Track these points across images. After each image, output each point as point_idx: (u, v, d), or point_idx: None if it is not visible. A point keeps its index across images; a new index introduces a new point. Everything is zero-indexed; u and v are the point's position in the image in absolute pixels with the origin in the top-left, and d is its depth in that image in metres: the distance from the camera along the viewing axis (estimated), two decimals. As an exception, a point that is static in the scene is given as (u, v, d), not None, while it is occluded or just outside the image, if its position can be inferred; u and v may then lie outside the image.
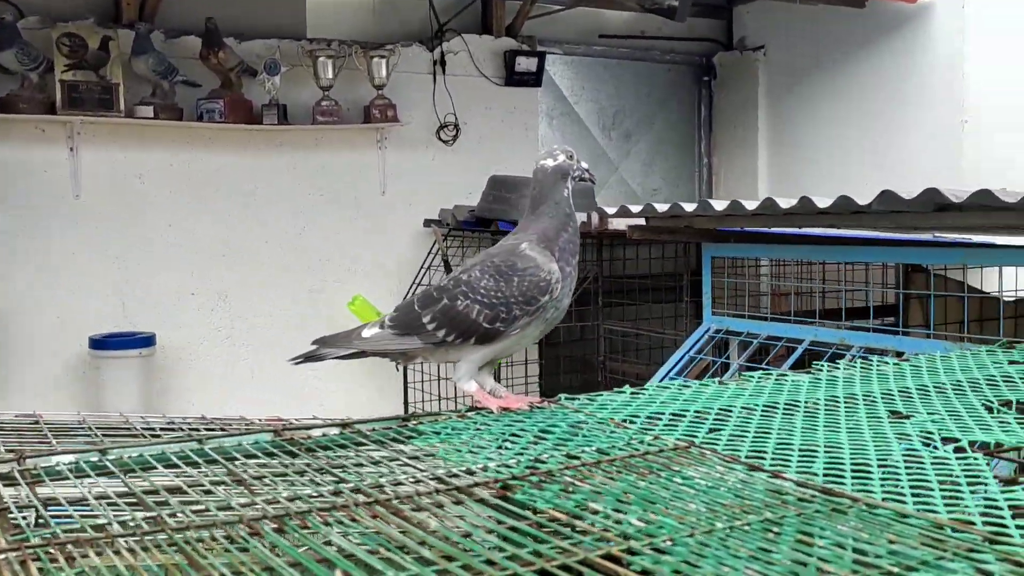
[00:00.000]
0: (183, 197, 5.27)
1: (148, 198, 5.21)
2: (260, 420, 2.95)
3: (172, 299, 5.29)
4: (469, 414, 1.55)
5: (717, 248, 3.40)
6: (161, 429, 2.72)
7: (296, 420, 2.87)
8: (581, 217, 4.57)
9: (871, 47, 5.78)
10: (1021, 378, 1.81)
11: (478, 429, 1.44)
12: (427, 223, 5.75)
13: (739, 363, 3.21)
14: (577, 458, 1.25)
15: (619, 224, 4.29)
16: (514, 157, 6.08)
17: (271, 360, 5.50)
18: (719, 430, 1.43)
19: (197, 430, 2.75)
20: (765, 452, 1.31)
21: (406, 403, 5.58)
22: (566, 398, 1.65)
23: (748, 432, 1.42)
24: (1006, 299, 3.85)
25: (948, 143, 5.37)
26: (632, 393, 1.68)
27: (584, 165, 1.83)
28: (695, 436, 1.39)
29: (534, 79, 6.05)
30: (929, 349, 2.77)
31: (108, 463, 1.28)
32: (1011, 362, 1.94)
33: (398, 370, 5.36)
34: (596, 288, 5.07)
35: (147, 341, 5.00)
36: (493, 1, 6.03)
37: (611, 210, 3.42)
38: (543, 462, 1.25)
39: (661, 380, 3.34)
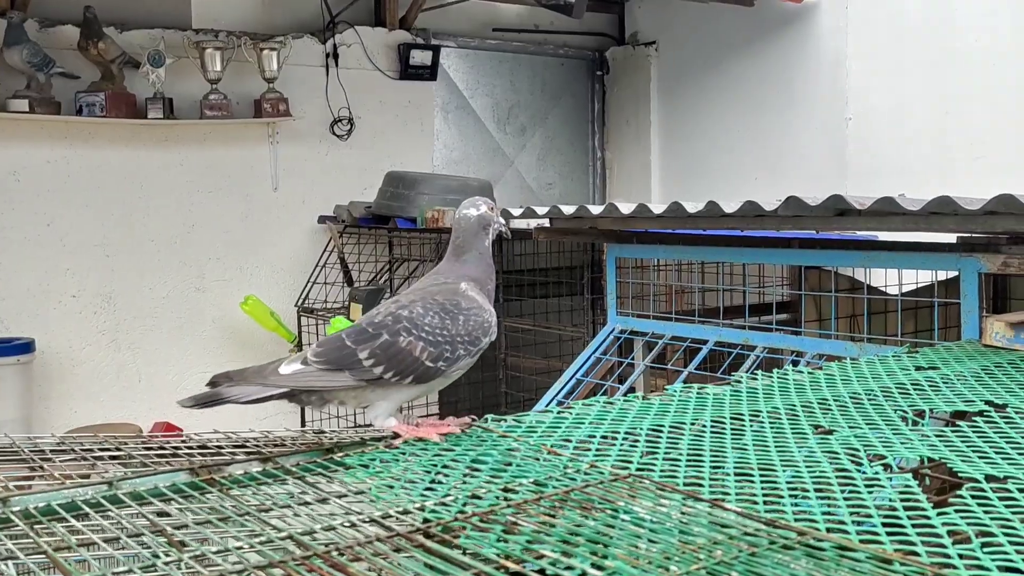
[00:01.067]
0: (62, 195, 5.02)
1: (24, 196, 4.94)
2: (160, 436, 2.83)
3: (52, 302, 5.04)
4: (396, 443, 1.50)
5: (622, 248, 3.41)
6: (51, 451, 2.58)
7: (194, 435, 2.75)
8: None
9: (759, 45, 5.90)
10: (930, 386, 1.85)
11: (408, 460, 1.39)
12: (322, 220, 5.63)
13: (645, 364, 3.22)
14: (515, 492, 1.22)
15: (522, 224, 4.27)
16: (410, 152, 6.00)
17: (159, 363, 5.31)
18: (652, 453, 1.42)
19: (91, 450, 2.61)
20: (702, 478, 1.30)
21: (303, 411, 5.46)
22: (493, 419, 1.62)
23: (681, 455, 1.41)
24: (891, 296, 3.98)
25: (833, 140, 5.52)
26: (559, 413, 1.66)
27: (502, 220, 1.88)
28: (629, 462, 1.37)
29: (429, 73, 5.97)
30: (831, 350, 2.83)
31: (11, 514, 1.19)
32: (918, 368, 1.99)
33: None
34: (496, 284, 5.04)
35: (25, 347, 4.75)
36: (386, -7, 5.92)
37: (516, 211, 3.39)
38: (480, 498, 1.21)
39: (568, 381, 3.34)
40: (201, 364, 5.40)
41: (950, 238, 3.84)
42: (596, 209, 3.09)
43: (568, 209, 3.37)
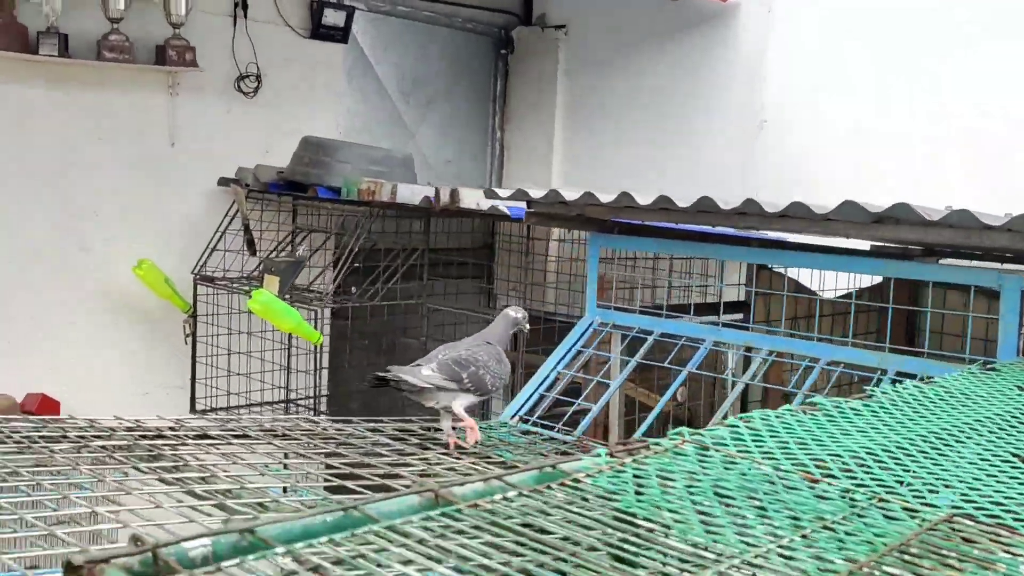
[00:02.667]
0: (-68, 132, 4.43)
1: None
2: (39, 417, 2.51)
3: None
4: (612, 465, 1.31)
5: (607, 239, 3.30)
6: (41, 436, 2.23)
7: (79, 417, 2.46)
8: (428, 192, 4.32)
9: (676, 39, 5.90)
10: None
11: (651, 485, 1.21)
12: (223, 182, 5.22)
13: (637, 360, 3.12)
14: (812, 539, 1.08)
15: (469, 203, 4.08)
16: (316, 116, 5.67)
17: (31, 328, 4.77)
18: (932, 487, 1.30)
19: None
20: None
21: (194, 376, 5.07)
22: (690, 433, 1.45)
23: (977, 486, 1.30)
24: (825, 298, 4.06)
25: (747, 140, 5.60)
26: (740, 426, 1.52)
27: (527, 325, 3.03)
28: (921, 496, 1.25)
29: (341, 34, 5.65)
30: (848, 356, 2.82)
31: (257, 542, 0.95)
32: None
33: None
34: (421, 264, 4.82)
35: None
36: (301, -57, 5.54)
37: (504, 192, 3.20)
38: (790, 548, 1.06)
39: (548, 375, 3.20)
40: (80, 331, 4.91)
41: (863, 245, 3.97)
42: (606, 197, 2.95)
43: (537, 192, 3.21)
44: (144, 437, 2.39)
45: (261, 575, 0.94)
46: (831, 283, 4.04)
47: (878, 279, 4.47)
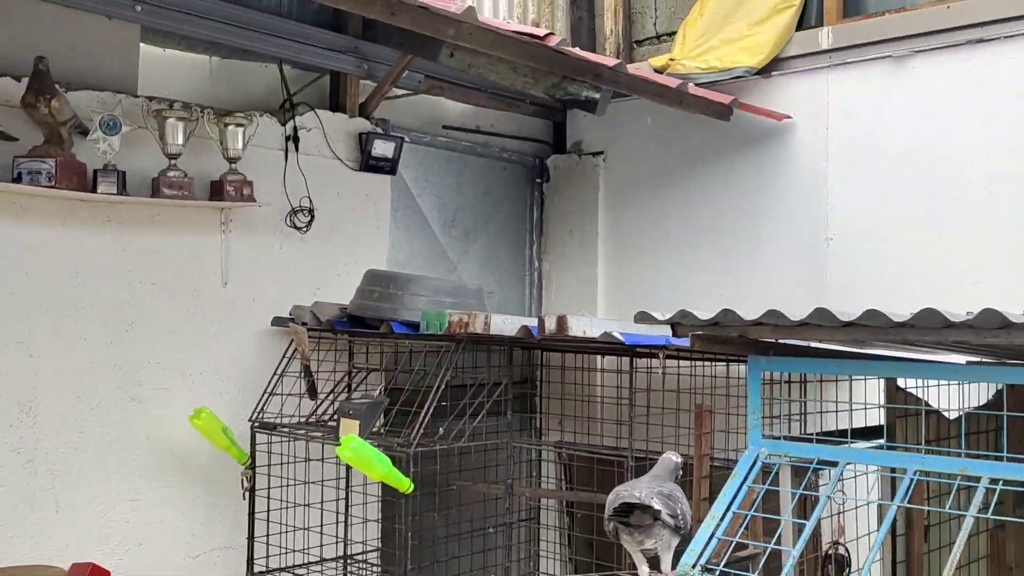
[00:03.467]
0: (-20, 279, 4.09)
1: (-66, 278, 3.99)
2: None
3: (-43, 412, 4.04)
4: None
5: (769, 362, 3.05)
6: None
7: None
8: (525, 322, 4.06)
9: (728, 159, 5.82)
10: None
11: None
12: (279, 321, 4.91)
13: (826, 495, 2.83)
14: None
15: (576, 331, 3.83)
16: (366, 250, 5.43)
17: (82, 489, 4.35)
18: None
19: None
20: None
21: (251, 533, 4.64)
22: None
23: None
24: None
25: (813, 260, 5.47)
26: None
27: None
28: None
29: (390, 165, 5.46)
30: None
31: None
32: None
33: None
34: (505, 399, 4.52)
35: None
36: (347, 79, 5.40)
37: (660, 315, 2.94)
38: None
39: (724, 515, 2.90)
40: (131, 490, 4.49)
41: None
42: (752, 315, 2.72)
43: (704, 315, 2.98)
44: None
45: None
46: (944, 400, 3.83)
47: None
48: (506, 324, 4.02)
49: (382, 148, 5.40)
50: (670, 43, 6.28)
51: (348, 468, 4.98)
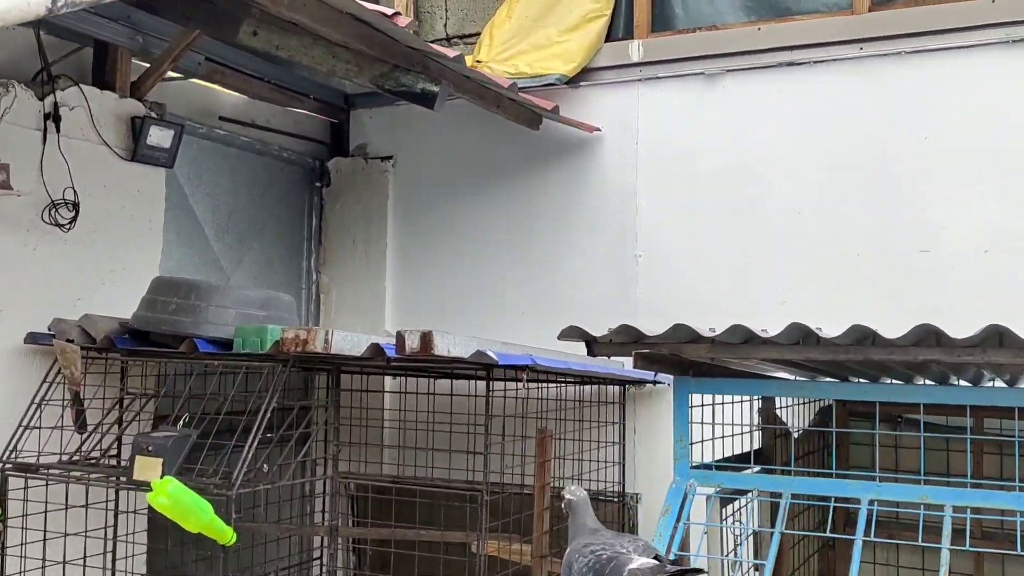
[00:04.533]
0: None
1: None
2: None
3: None
4: None
5: (699, 383, 2.76)
6: None
7: None
8: (377, 339, 3.52)
9: (537, 170, 5.55)
10: None
11: None
12: (34, 338, 4.00)
13: (780, 531, 2.56)
14: None
15: (441, 350, 3.36)
16: (136, 255, 4.62)
17: None
18: None
19: None
20: None
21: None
22: None
23: None
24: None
25: (623, 277, 5.31)
26: None
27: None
28: None
29: (167, 157, 4.68)
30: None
31: None
32: None
33: None
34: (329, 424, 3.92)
35: None
36: (118, 51, 4.56)
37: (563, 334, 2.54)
38: None
39: (666, 554, 2.57)
40: None
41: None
42: (709, 331, 2.43)
43: (657, 329, 2.63)
44: None
45: None
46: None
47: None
48: (351, 342, 3.46)
49: (158, 136, 4.61)
50: (460, 46, 5.95)
51: (116, 516, 4.18)
